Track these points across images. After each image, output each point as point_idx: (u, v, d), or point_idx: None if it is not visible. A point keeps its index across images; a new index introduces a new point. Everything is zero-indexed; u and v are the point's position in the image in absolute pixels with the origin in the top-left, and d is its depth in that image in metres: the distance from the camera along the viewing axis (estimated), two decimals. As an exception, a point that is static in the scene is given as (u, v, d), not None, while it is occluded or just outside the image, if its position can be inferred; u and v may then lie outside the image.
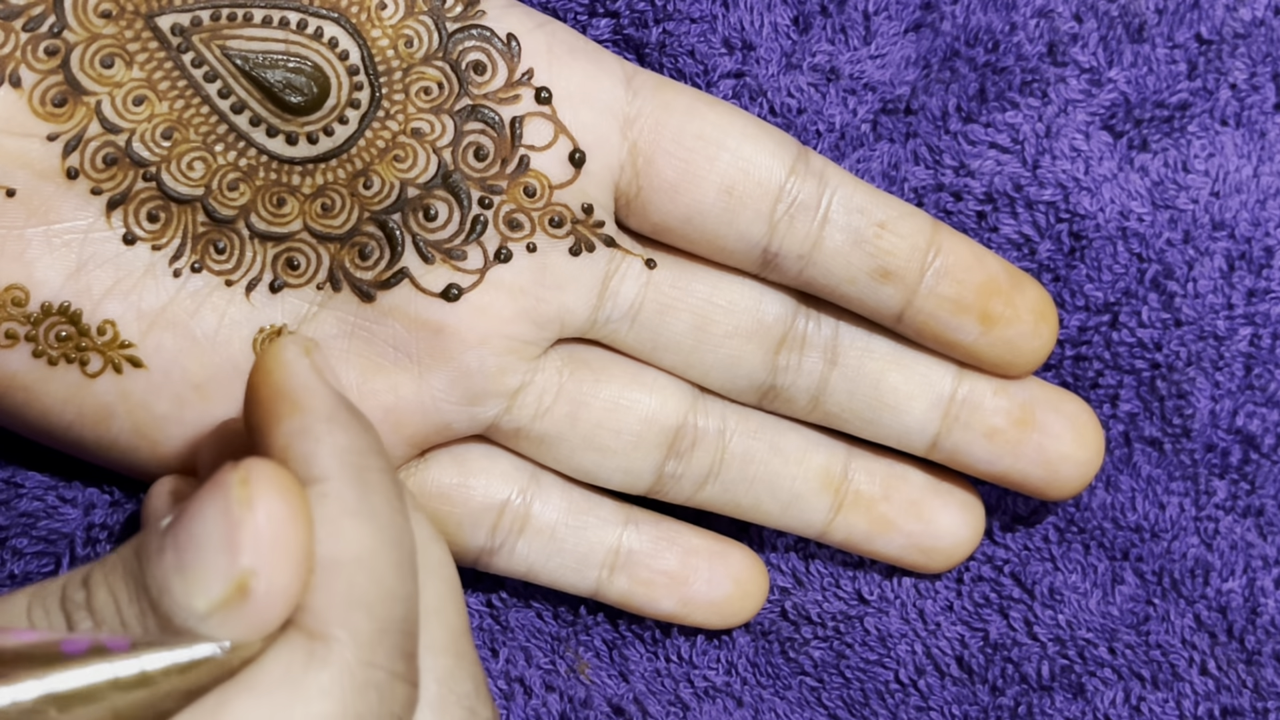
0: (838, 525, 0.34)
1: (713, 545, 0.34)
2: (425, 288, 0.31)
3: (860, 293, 0.32)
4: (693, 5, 0.35)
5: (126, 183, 0.29)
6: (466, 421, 0.31)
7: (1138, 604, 0.36)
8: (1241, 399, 0.36)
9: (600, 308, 0.32)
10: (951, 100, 0.36)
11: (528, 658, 0.33)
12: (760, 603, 0.35)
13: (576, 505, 0.33)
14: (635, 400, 0.33)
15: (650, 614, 0.34)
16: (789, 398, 0.33)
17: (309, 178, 0.30)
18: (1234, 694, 0.34)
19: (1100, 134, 0.36)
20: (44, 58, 0.29)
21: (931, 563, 0.35)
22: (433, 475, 0.32)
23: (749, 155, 0.31)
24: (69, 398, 0.30)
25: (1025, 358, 0.33)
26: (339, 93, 0.30)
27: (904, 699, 0.35)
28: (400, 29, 0.30)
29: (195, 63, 0.29)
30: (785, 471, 0.34)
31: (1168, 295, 0.35)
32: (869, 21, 0.35)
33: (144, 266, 0.30)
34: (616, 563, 0.34)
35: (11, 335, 0.29)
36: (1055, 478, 0.34)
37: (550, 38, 0.31)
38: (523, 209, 0.31)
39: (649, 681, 0.35)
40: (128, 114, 0.29)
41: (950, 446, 0.34)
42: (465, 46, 0.30)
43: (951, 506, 0.35)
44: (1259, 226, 0.36)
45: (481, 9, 0.30)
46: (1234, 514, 0.36)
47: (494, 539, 0.33)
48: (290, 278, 0.30)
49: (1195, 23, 0.36)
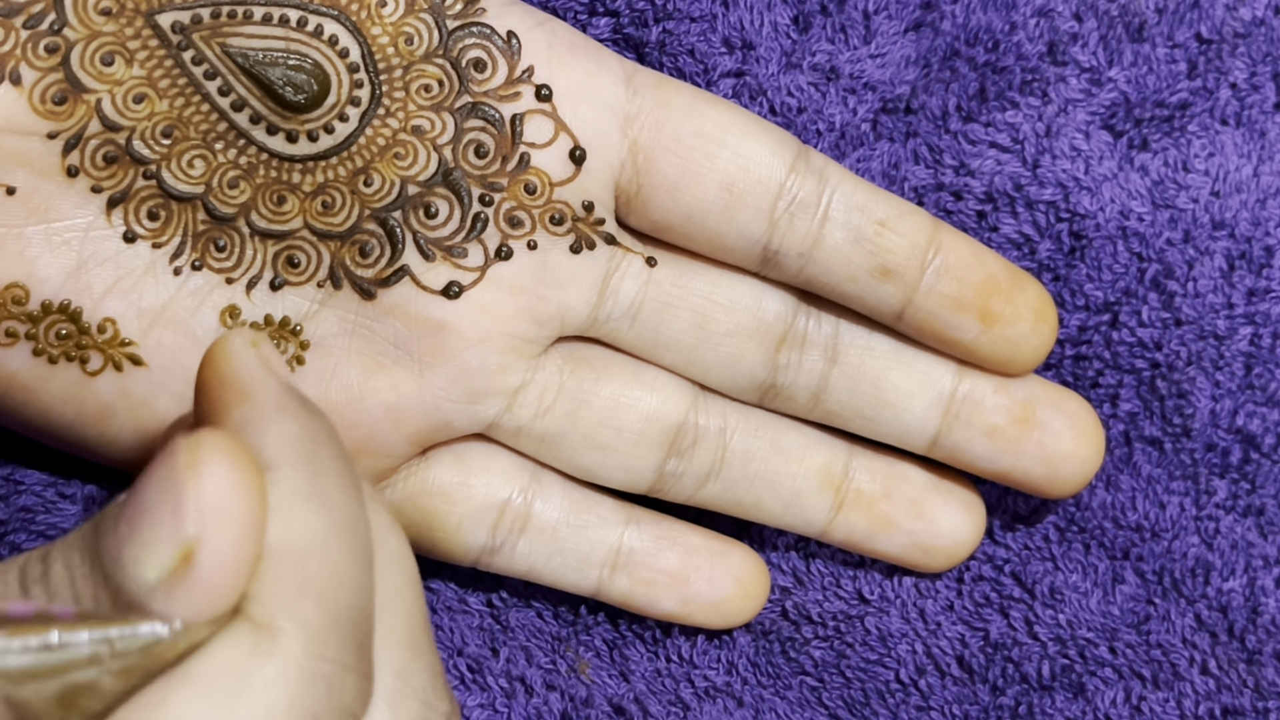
0: (838, 524, 0.34)
1: (714, 545, 0.34)
2: (426, 285, 0.31)
3: (860, 291, 0.32)
4: (692, 4, 0.35)
5: (127, 181, 0.29)
6: (467, 420, 0.31)
7: (1138, 603, 0.36)
8: (1242, 398, 0.36)
9: (601, 306, 0.32)
10: (951, 99, 0.36)
11: (528, 657, 0.33)
12: (761, 602, 0.35)
13: (577, 504, 0.33)
14: (636, 398, 0.33)
15: (651, 614, 0.34)
16: (790, 396, 0.33)
17: (309, 175, 0.30)
18: (1235, 693, 0.34)
19: (1100, 133, 0.36)
20: (44, 55, 0.29)
21: (933, 562, 0.35)
22: (434, 474, 0.32)
23: (749, 153, 0.31)
24: (69, 396, 0.30)
25: (1025, 356, 0.33)
26: (339, 90, 0.30)
27: (904, 699, 0.35)
28: (400, 26, 0.30)
29: (195, 60, 0.29)
30: (786, 470, 0.34)
31: (1168, 295, 0.35)
32: (869, 21, 0.35)
33: (144, 265, 0.30)
34: (618, 562, 0.34)
35: (11, 334, 0.29)
36: (1056, 476, 0.34)
37: (550, 35, 0.31)
38: (523, 206, 0.31)
39: (649, 681, 0.35)
40: (128, 112, 0.29)
41: (951, 444, 0.34)
42: (465, 44, 0.30)
43: (952, 505, 0.35)
44: (1259, 226, 0.36)
45: (481, 6, 0.30)
46: (1234, 513, 0.36)
47: (495, 538, 0.33)
48: (291, 275, 0.30)
49: (1195, 22, 0.36)
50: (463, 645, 0.32)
